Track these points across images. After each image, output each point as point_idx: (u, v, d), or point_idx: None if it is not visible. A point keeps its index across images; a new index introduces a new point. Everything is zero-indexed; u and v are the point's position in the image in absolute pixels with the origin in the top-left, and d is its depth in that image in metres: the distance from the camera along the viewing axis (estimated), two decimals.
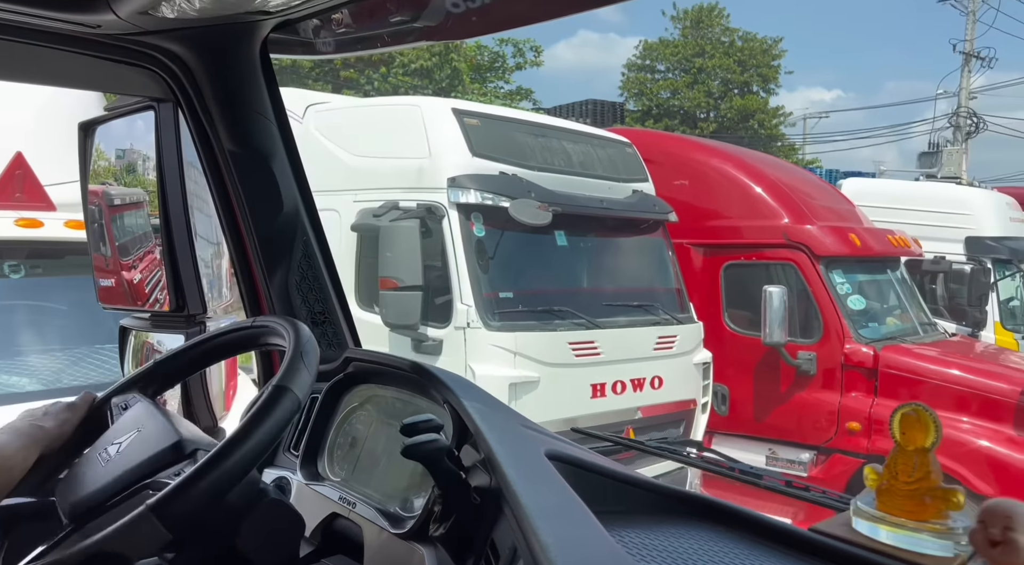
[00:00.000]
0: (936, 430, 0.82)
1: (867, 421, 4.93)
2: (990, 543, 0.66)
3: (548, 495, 0.83)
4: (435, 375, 1.13)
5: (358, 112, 4.73)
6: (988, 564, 0.66)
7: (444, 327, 3.81)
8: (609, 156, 4.66)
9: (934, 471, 0.81)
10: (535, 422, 1.18)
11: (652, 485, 0.99)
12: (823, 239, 5.23)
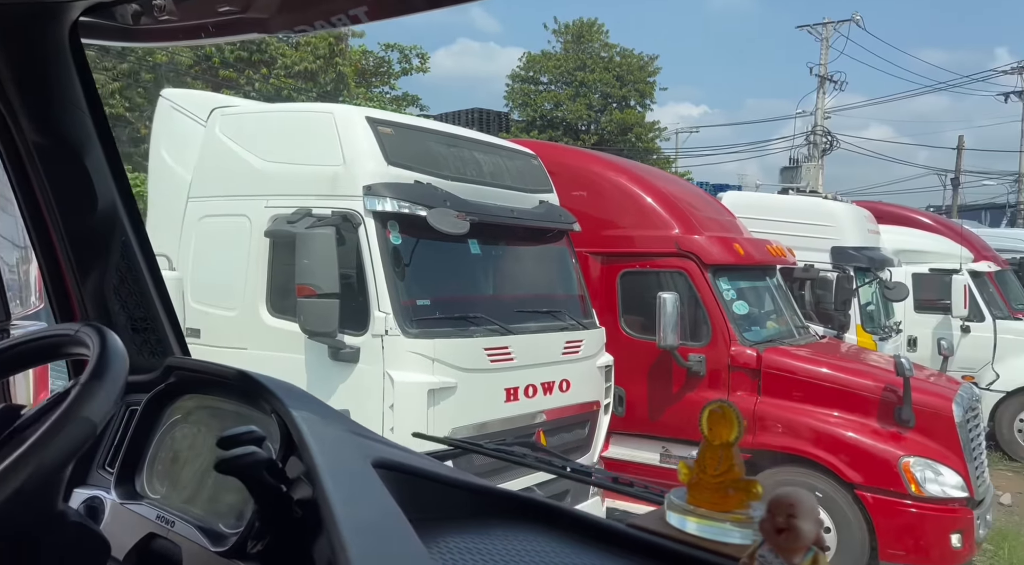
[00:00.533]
0: (739, 425, 0.86)
1: (752, 418, 5.32)
2: (776, 530, 0.70)
3: (365, 507, 0.81)
4: (261, 384, 1.09)
5: (269, 117, 4.66)
6: (774, 550, 0.70)
7: (361, 334, 3.83)
8: (517, 167, 4.82)
9: (737, 464, 0.85)
10: (366, 429, 1.17)
11: (481, 488, 0.98)
12: (710, 249, 5.61)
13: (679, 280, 5.61)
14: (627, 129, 32.36)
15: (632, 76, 33.89)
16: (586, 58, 34.41)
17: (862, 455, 4.99)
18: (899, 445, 4.96)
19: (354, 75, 22.36)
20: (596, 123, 33.67)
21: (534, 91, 35.77)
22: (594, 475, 1.67)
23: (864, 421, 5.11)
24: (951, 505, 4.85)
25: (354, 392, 3.80)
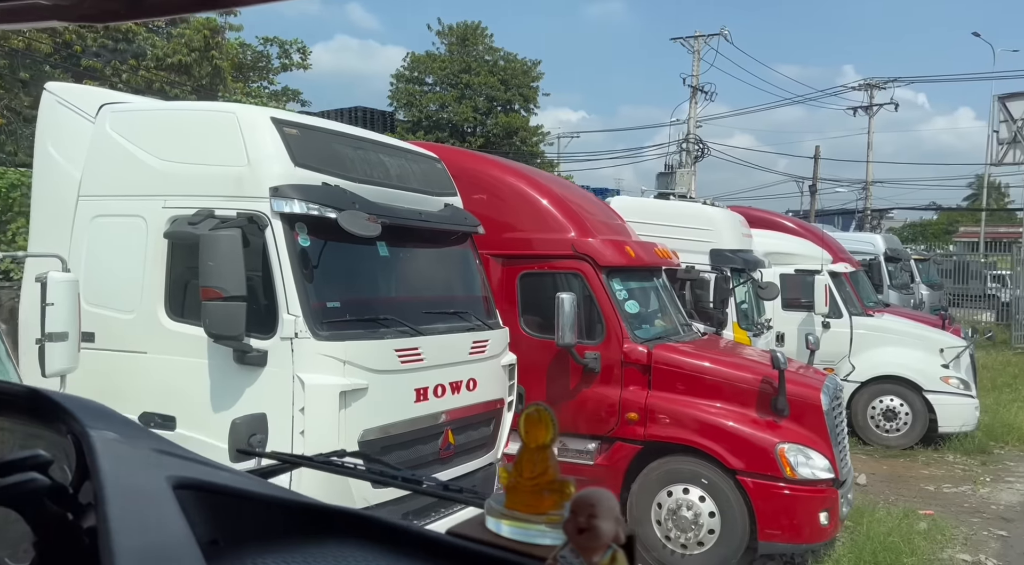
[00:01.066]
0: (553, 427, 0.87)
1: (643, 411, 5.64)
2: (577, 530, 0.71)
3: (149, 532, 0.75)
4: (55, 402, 1.03)
5: (165, 115, 4.50)
6: (576, 549, 0.71)
7: (269, 337, 3.79)
8: (422, 170, 4.89)
9: (552, 466, 0.86)
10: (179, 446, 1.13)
11: (298, 503, 0.95)
12: (604, 251, 5.88)
13: (575, 281, 5.85)
14: (512, 132, 32.84)
15: (516, 80, 34.41)
16: (471, 61, 34.64)
17: (743, 443, 5.39)
18: (775, 433, 5.40)
19: (231, 69, 21.55)
20: (482, 126, 33.95)
21: (419, 92, 35.66)
22: (425, 483, 1.64)
23: (744, 411, 5.53)
24: (819, 486, 5.32)
25: (262, 396, 3.76)
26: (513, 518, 0.84)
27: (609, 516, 0.71)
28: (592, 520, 0.70)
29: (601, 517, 0.70)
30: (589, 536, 0.70)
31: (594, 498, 0.72)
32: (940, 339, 9.82)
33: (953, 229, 52.60)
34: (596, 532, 0.70)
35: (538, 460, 0.86)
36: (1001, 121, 23.31)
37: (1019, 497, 7.69)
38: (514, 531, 0.83)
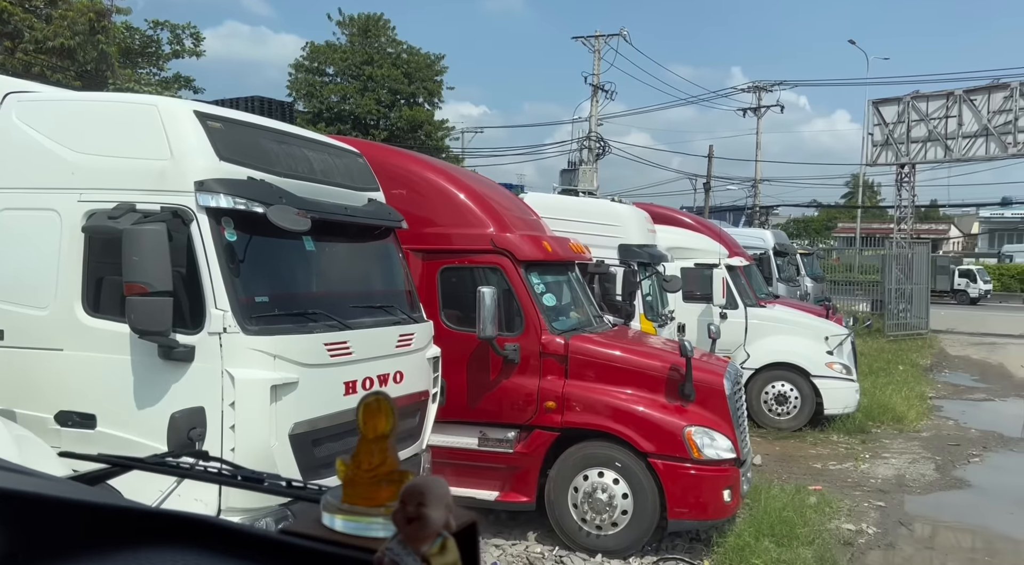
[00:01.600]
0: (393, 417, 0.85)
1: (560, 400, 5.86)
2: (406, 520, 0.69)
3: None
4: None
5: (80, 106, 4.33)
6: (404, 540, 0.69)
7: (196, 333, 3.76)
8: (345, 165, 4.91)
9: (391, 457, 0.84)
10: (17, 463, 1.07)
11: (122, 509, 0.90)
12: (523, 246, 6.06)
13: (494, 275, 6.00)
14: (417, 126, 32.66)
15: (420, 74, 34.23)
16: (373, 53, 34.20)
17: (653, 428, 5.70)
18: (683, 416, 5.74)
19: (118, 54, 20.51)
20: (386, 119, 33.60)
21: (319, 83, 34.91)
22: (267, 481, 1.57)
23: (654, 397, 5.84)
24: (723, 466, 5.70)
25: (189, 391, 3.72)
26: (349, 512, 0.82)
27: (439, 504, 0.70)
28: (421, 509, 0.69)
29: (430, 505, 0.69)
30: (417, 525, 0.69)
31: (423, 486, 0.71)
32: (825, 328, 10.59)
33: (832, 225, 56.16)
34: (424, 521, 0.69)
35: (376, 451, 0.83)
36: (875, 124, 25.01)
37: (894, 471, 8.43)
38: (348, 525, 0.81)
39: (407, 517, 0.70)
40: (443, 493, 0.71)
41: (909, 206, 25.36)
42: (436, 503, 0.70)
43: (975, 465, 8.90)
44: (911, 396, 11.82)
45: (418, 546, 0.70)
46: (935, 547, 6.33)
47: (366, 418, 0.85)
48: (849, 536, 6.33)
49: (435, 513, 0.70)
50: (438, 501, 0.70)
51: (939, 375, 15.78)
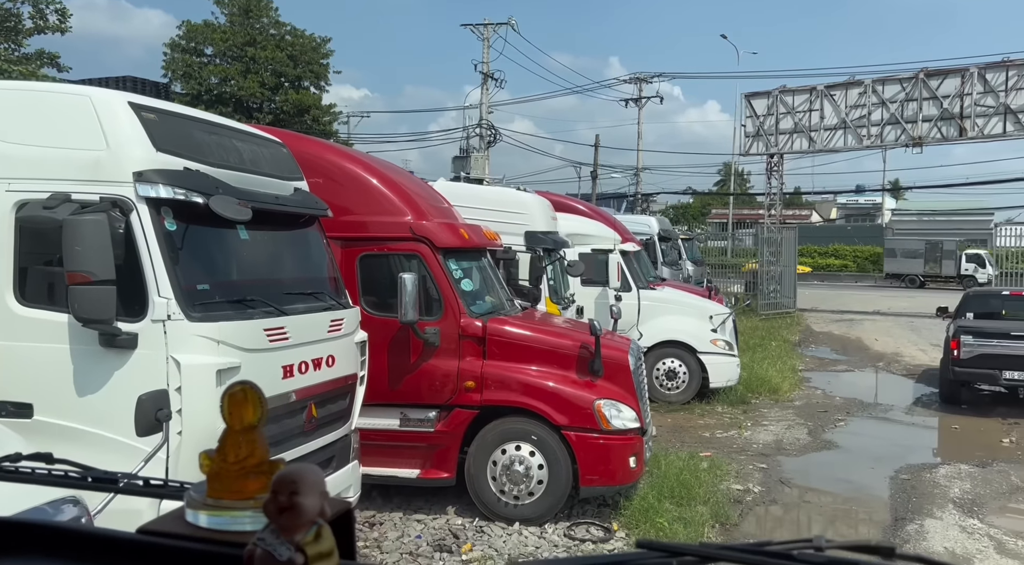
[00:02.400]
0: (260, 407, 0.83)
1: (479, 379, 6.19)
2: (279, 510, 0.68)
3: None
4: None
5: (7, 95, 4.23)
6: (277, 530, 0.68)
7: (139, 320, 3.82)
8: (272, 155, 5.01)
9: (260, 447, 0.82)
10: None
11: None
12: (441, 233, 6.32)
13: (413, 262, 6.23)
14: (304, 110, 31.91)
15: (306, 57, 33.40)
16: (256, 34, 33.07)
17: (566, 402, 6.12)
18: (592, 391, 6.20)
19: None
20: (270, 102, 32.61)
21: (198, 63, 33.43)
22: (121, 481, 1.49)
23: (566, 374, 6.27)
24: (629, 435, 6.21)
25: (133, 377, 3.78)
26: (214, 507, 0.79)
27: (312, 491, 0.69)
28: (294, 497, 0.68)
29: (303, 493, 0.68)
30: (291, 514, 0.68)
31: (295, 474, 0.69)
32: (709, 307, 11.43)
33: (707, 211, 59.16)
34: (298, 509, 0.68)
35: (244, 442, 0.81)
36: (747, 117, 26.67)
37: (773, 437, 9.30)
38: (214, 520, 0.78)
39: (279, 507, 0.68)
40: (316, 480, 0.70)
41: (778, 193, 27.25)
42: (310, 491, 0.69)
43: (840, 428, 9.95)
44: (784, 369, 12.93)
45: (292, 535, 0.68)
46: (810, 500, 7.14)
47: (231, 408, 0.83)
48: (738, 495, 7.03)
49: (309, 501, 0.68)
50: (312, 489, 0.69)
51: (806, 350, 17.25)
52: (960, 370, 10.64)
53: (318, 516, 0.70)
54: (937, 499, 6.92)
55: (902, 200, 58.76)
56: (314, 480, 0.70)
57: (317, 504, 0.70)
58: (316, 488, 0.70)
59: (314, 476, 0.70)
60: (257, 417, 0.84)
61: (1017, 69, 21.56)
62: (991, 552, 5.75)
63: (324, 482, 0.71)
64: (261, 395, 0.84)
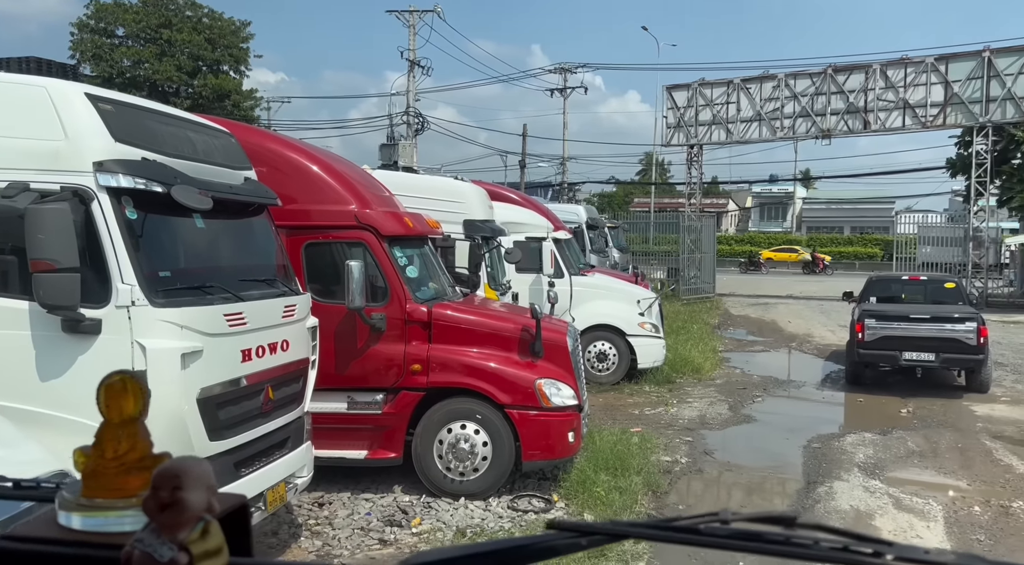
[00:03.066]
0: (141, 397, 0.78)
1: (425, 362, 6.43)
2: (159, 507, 0.64)
3: None
4: None
5: None
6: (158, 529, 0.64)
7: (102, 306, 3.91)
8: (222, 145, 5.11)
9: (142, 441, 0.77)
10: None
11: None
12: (385, 222, 6.51)
13: (359, 250, 6.41)
14: (224, 95, 31.15)
15: (225, 40, 32.58)
16: (171, 15, 32.03)
17: (509, 382, 6.44)
18: (533, 371, 6.53)
19: None
20: (188, 86, 31.65)
21: (108, 45, 32.14)
22: None
23: (509, 355, 6.58)
24: (567, 412, 6.57)
25: (97, 361, 3.89)
26: (89, 507, 0.74)
27: (197, 486, 0.66)
28: (176, 493, 0.64)
29: (187, 488, 0.65)
30: (173, 511, 0.64)
31: (177, 468, 0.66)
32: (637, 292, 11.95)
33: (630, 200, 60.53)
34: (181, 506, 0.64)
35: (124, 436, 0.77)
36: (669, 108, 27.55)
37: (697, 413, 9.88)
38: (88, 522, 0.73)
39: (160, 503, 0.64)
40: (201, 474, 0.66)
41: (698, 183, 28.27)
42: (194, 485, 0.65)
43: (758, 404, 10.64)
44: (706, 350, 13.62)
45: (175, 533, 0.64)
46: (732, 469, 7.69)
47: (109, 400, 0.78)
48: (667, 466, 7.51)
49: (193, 496, 0.65)
50: (196, 483, 0.65)
51: (726, 332, 18.11)
52: (864, 352, 11.10)
53: (205, 512, 0.66)
54: (844, 464, 7.57)
55: (812, 189, 61.50)
56: (199, 473, 0.67)
57: (203, 499, 0.66)
58: (202, 482, 0.66)
59: (199, 469, 0.67)
60: (138, 409, 0.78)
61: (914, 66, 23.04)
62: (890, 508, 6.38)
63: (211, 475, 0.68)
64: (143, 385, 0.79)
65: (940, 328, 10.73)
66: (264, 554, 5.31)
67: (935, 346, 10.72)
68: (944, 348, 10.70)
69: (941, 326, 10.75)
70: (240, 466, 4.54)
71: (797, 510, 6.43)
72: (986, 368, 11.04)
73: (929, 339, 10.73)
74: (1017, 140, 22.09)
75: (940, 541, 5.69)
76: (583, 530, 0.78)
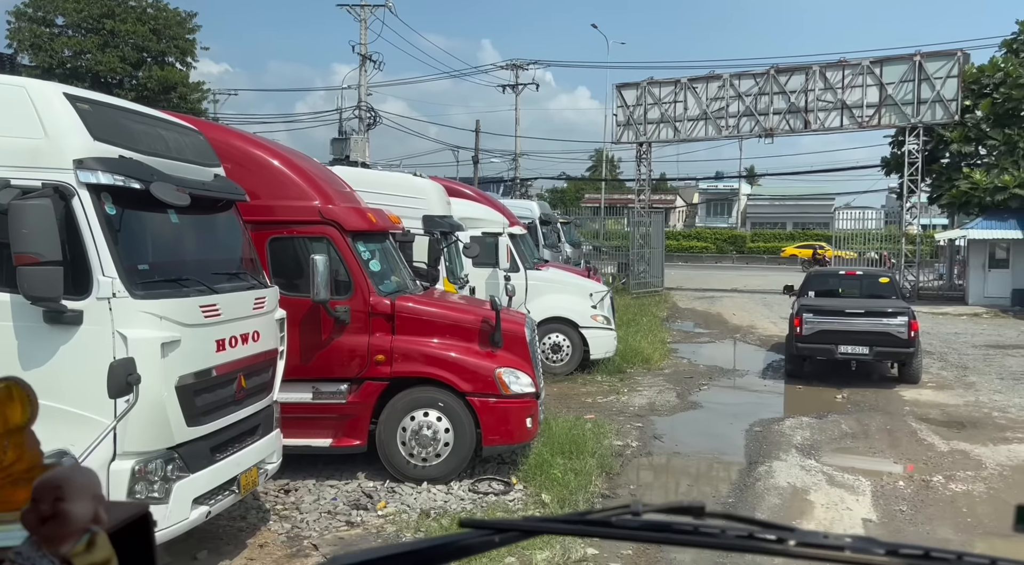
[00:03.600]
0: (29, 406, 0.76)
1: (388, 353, 6.67)
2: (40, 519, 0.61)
3: None
4: None
5: None
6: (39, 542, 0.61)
7: (84, 298, 4.07)
8: (193, 143, 5.28)
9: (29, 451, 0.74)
10: None
11: None
12: (349, 217, 6.73)
13: (323, 244, 6.61)
14: (170, 88, 30.60)
15: (171, 31, 31.99)
16: (114, 5, 31.31)
17: (470, 371, 6.72)
18: (493, 360, 6.83)
19: None
20: (132, 78, 31.00)
21: (47, 34, 31.28)
22: None
23: (470, 346, 6.87)
24: (526, 399, 6.89)
25: (79, 351, 4.05)
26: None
27: (81, 496, 0.62)
28: (58, 504, 0.61)
29: (69, 499, 0.61)
30: (55, 524, 0.61)
31: (59, 479, 0.62)
32: (589, 286, 12.35)
33: (580, 196, 61.25)
34: (63, 518, 0.61)
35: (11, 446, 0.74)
36: (619, 106, 28.11)
37: (646, 400, 10.32)
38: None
39: (41, 516, 0.61)
40: (86, 484, 0.63)
41: (647, 180, 28.92)
42: (77, 496, 0.62)
43: (704, 391, 11.15)
44: (655, 341, 14.12)
45: (57, 547, 0.61)
46: (679, 451, 8.13)
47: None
48: (619, 449, 7.90)
49: (76, 507, 0.61)
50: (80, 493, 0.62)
51: (674, 324, 18.71)
52: (802, 345, 11.39)
53: (91, 523, 0.63)
54: (783, 445, 8.08)
55: (757, 186, 63.11)
56: (83, 484, 0.63)
57: (88, 510, 0.63)
58: (86, 492, 0.63)
59: (83, 479, 0.64)
60: (25, 417, 0.75)
61: (851, 68, 24.03)
62: (824, 484, 6.88)
63: (98, 485, 0.65)
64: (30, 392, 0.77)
65: (873, 322, 11.06)
66: (234, 538, 5.52)
67: (869, 340, 11.04)
68: (877, 342, 11.04)
69: (874, 320, 11.09)
70: (215, 451, 4.74)
71: (739, 488, 6.89)
72: (917, 360, 11.43)
73: (863, 333, 11.05)
74: (946, 141, 23.23)
75: (867, 512, 6.20)
76: (497, 528, 0.78)
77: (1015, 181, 21.19)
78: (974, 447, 8.02)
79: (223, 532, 5.55)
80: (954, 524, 6.00)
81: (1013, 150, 21.81)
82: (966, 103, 22.59)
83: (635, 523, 0.76)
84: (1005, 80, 21.92)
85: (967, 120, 22.64)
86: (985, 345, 15.29)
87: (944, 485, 6.87)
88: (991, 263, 22.27)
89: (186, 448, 4.47)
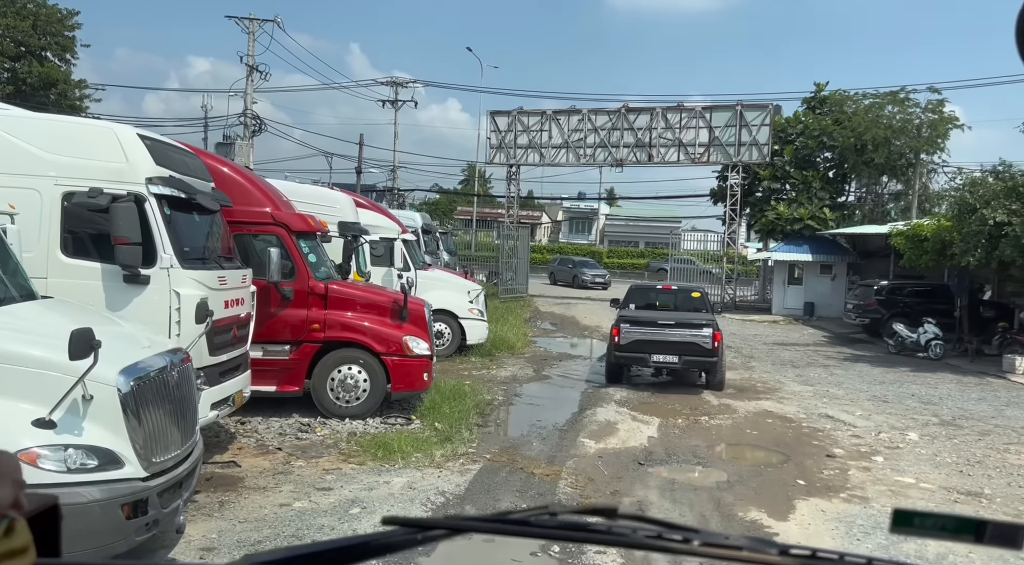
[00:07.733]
0: None
1: (323, 323, 9.05)
2: None
3: None
4: None
5: (47, 123, 6.40)
6: None
7: (151, 268, 6.29)
8: (198, 165, 7.51)
9: None
10: None
11: None
12: (294, 220, 9.06)
13: (275, 240, 8.91)
14: (51, 84, 30.67)
15: (51, 28, 32.02)
16: None
17: (385, 337, 9.21)
18: (401, 330, 9.36)
19: None
20: (9, 72, 30.79)
21: None
22: None
23: (384, 319, 9.37)
24: (424, 359, 9.45)
25: (146, 302, 6.25)
26: None
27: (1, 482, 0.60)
28: None
29: None
30: None
31: None
32: (467, 285, 15.08)
33: (453, 208, 64.07)
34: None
35: None
36: (492, 131, 31.15)
37: (510, 373, 13.13)
38: None
39: None
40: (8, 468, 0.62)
41: (515, 197, 32.07)
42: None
43: (555, 367, 14.13)
44: (519, 334, 17.02)
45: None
46: (532, 403, 10.96)
47: None
48: (489, 401, 10.63)
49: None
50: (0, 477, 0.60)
51: (535, 324, 21.76)
52: (620, 354, 12.12)
53: (10, 509, 0.60)
54: (605, 399, 11.09)
55: (615, 207, 68.34)
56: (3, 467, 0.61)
57: (8, 495, 0.60)
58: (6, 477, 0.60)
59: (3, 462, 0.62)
60: None
61: (687, 112, 28.27)
62: (628, 420, 9.89)
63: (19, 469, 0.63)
64: None
65: (682, 333, 11.92)
66: (216, 447, 7.73)
67: (678, 349, 11.85)
68: (685, 351, 11.86)
69: (683, 332, 11.94)
70: (222, 376, 7.01)
71: (572, 421, 9.77)
72: (720, 368, 12.29)
73: (673, 343, 11.88)
74: (759, 178, 27.87)
75: (653, 432, 9.22)
76: (421, 525, 0.79)
77: (808, 214, 26.03)
78: (735, 402, 11.37)
79: (207, 445, 7.74)
80: (705, 439, 9.14)
81: (808, 188, 26.72)
82: (775, 147, 27.34)
83: (552, 523, 0.79)
84: (804, 131, 26.80)
85: (776, 162, 27.38)
86: (772, 343, 19.36)
87: (708, 422, 10.07)
88: (790, 280, 27.05)
89: (207, 370, 6.73)
